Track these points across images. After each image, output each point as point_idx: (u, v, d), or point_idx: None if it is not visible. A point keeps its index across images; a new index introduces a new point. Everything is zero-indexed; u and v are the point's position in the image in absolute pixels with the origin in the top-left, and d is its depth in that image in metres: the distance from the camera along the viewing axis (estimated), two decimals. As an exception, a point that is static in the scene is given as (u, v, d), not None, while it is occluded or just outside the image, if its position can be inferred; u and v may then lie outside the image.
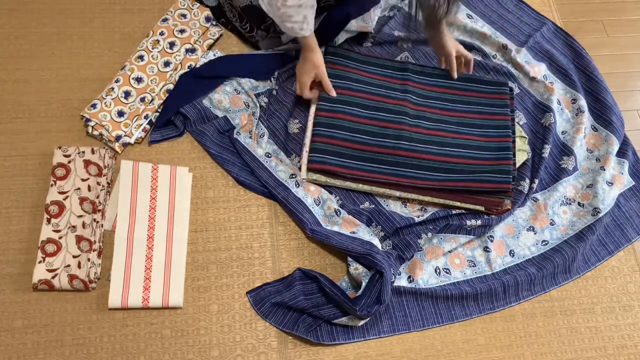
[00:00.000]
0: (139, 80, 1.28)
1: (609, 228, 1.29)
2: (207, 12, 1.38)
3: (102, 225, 1.15)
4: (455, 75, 1.35)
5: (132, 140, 1.24)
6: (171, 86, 1.29)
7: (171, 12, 1.37)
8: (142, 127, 1.25)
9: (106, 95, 1.24)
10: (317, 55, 1.23)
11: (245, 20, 1.32)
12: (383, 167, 1.22)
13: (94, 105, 1.23)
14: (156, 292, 1.10)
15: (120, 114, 1.24)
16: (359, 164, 1.22)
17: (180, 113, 1.27)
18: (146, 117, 1.26)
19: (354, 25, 1.36)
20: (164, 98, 1.28)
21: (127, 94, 1.26)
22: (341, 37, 1.38)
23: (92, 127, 1.22)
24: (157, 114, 1.27)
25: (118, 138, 1.22)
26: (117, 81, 1.26)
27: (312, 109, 1.30)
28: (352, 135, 1.24)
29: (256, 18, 1.29)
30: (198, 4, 1.39)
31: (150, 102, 1.27)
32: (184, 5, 1.37)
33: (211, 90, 1.30)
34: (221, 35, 1.40)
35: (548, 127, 1.36)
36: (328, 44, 1.36)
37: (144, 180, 1.18)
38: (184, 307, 1.12)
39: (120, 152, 1.23)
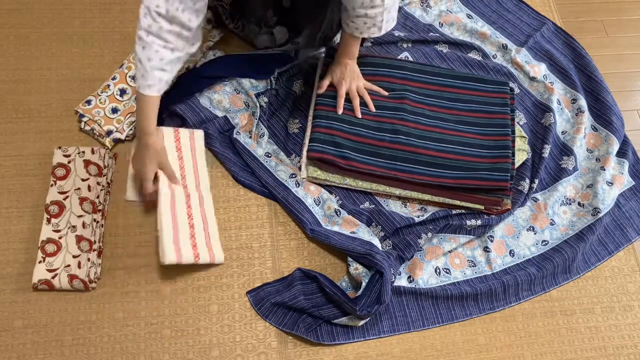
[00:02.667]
0: (135, 79, 1.27)
1: (609, 228, 1.29)
2: (209, 15, 1.37)
3: (102, 225, 1.15)
4: (339, 112, 1.26)
5: (123, 136, 1.23)
6: (168, 87, 1.29)
7: (171, 12, 1.37)
8: (133, 124, 1.25)
9: (102, 92, 1.24)
10: (158, 140, 1.09)
11: (236, 18, 1.32)
12: (381, 161, 1.22)
13: (88, 102, 1.23)
14: (202, 248, 1.10)
15: (114, 110, 1.24)
16: (358, 156, 1.22)
17: (177, 115, 1.27)
18: None
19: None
20: (160, 98, 1.28)
21: (122, 92, 1.26)
22: (339, 35, 1.37)
23: (85, 122, 1.22)
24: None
25: (109, 133, 1.22)
26: (113, 79, 1.26)
27: (312, 107, 1.30)
28: (350, 127, 1.24)
29: (245, 12, 1.28)
30: (198, 5, 1.38)
31: (147, 102, 1.27)
32: (184, 5, 1.37)
33: (206, 87, 1.29)
34: (221, 37, 1.40)
35: (548, 127, 1.36)
36: (327, 44, 1.36)
37: (169, 142, 1.17)
38: (184, 307, 1.12)
39: (110, 147, 1.22)
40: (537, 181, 1.29)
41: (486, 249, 1.23)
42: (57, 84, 1.30)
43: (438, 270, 1.20)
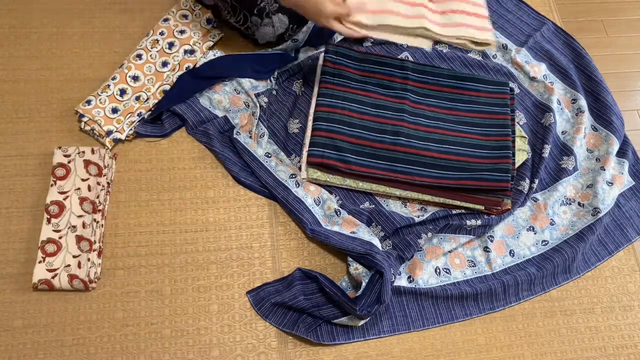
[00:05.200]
0: (135, 78, 1.28)
1: (609, 228, 1.29)
2: (209, 14, 1.37)
3: (102, 225, 1.15)
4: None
5: (123, 137, 1.23)
6: (167, 87, 1.29)
7: (173, 12, 1.37)
8: (134, 124, 1.25)
9: (101, 92, 1.24)
10: None
11: (238, 10, 1.31)
12: (382, 163, 1.22)
13: (88, 102, 1.23)
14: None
15: (114, 111, 1.24)
16: (358, 158, 1.22)
17: (176, 114, 1.27)
18: (139, 114, 1.26)
19: (353, 23, 1.36)
20: (159, 98, 1.28)
21: (122, 92, 1.26)
22: (340, 35, 1.37)
23: (85, 122, 1.22)
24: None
25: (109, 133, 1.22)
26: (113, 78, 1.26)
27: (312, 108, 1.30)
28: (351, 130, 1.24)
29: (248, 2, 1.28)
30: (200, 5, 1.38)
31: (145, 101, 1.27)
32: (186, 6, 1.37)
33: (206, 88, 1.30)
34: (221, 37, 1.40)
35: (548, 127, 1.36)
36: (327, 43, 1.36)
37: None
38: (184, 307, 1.12)
39: (110, 147, 1.22)
40: (537, 181, 1.29)
41: (486, 249, 1.23)
42: (57, 84, 1.30)
43: (438, 270, 1.20)
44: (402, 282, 1.17)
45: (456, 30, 1.17)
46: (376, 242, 1.16)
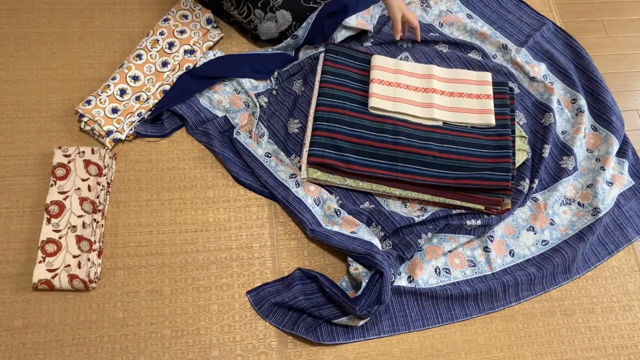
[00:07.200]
0: (135, 78, 1.28)
1: (609, 228, 1.29)
2: (209, 14, 1.38)
3: (102, 225, 1.15)
4: (398, 38, 1.34)
5: (123, 137, 1.23)
6: (167, 87, 1.29)
7: (173, 12, 1.37)
8: (134, 124, 1.25)
9: (102, 92, 1.24)
10: None
11: (242, 2, 1.31)
12: (382, 162, 1.22)
13: (88, 102, 1.23)
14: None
15: (114, 111, 1.24)
16: (359, 158, 1.22)
17: (176, 114, 1.28)
18: (139, 115, 1.26)
19: (354, 21, 1.36)
20: (159, 98, 1.28)
21: (122, 92, 1.26)
22: (341, 35, 1.37)
23: (85, 122, 1.22)
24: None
25: (109, 133, 1.22)
26: (113, 78, 1.26)
27: (312, 108, 1.30)
28: (351, 129, 1.24)
29: None
30: (200, 5, 1.39)
31: (145, 101, 1.27)
32: (186, 6, 1.37)
33: (206, 88, 1.30)
34: (221, 37, 1.40)
35: (548, 127, 1.36)
36: (327, 40, 1.36)
37: None
38: (184, 307, 1.12)
39: (110, 147, 1.23)
40: (537, 181, 1.29)
41: (486, 249, 1.23)
42: (57, 84, 1.30)
43: (438, 270, 1.20)
44: (402, 282, 1.17)
45: (460, 117, 1.30)
46: (376, 242, 1.16)
